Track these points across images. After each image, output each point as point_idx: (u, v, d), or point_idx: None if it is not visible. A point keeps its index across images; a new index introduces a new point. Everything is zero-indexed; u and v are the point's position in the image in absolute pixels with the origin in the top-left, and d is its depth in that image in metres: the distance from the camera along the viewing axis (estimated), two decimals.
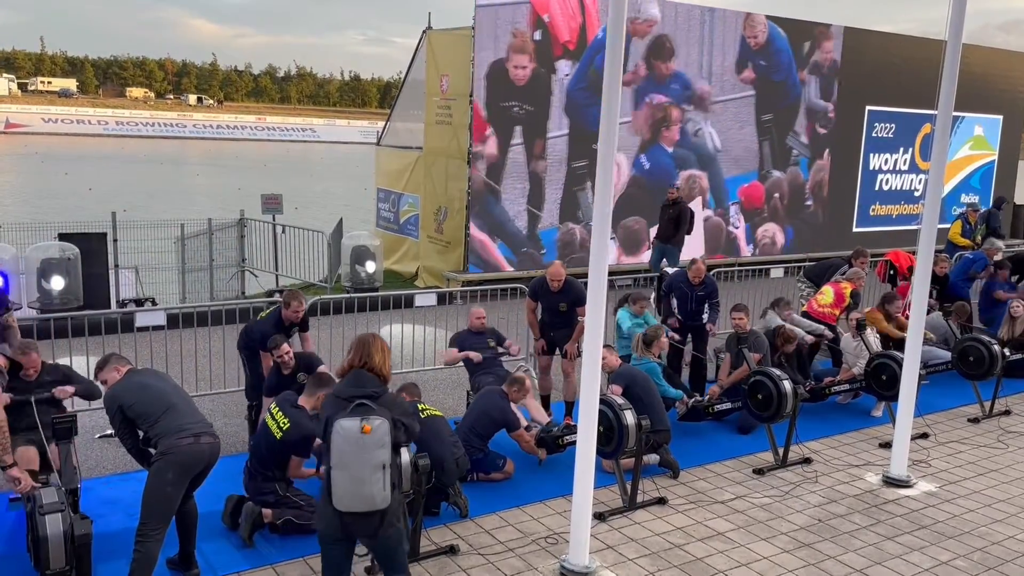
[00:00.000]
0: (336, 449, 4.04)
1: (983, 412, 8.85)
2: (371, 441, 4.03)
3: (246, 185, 36.08)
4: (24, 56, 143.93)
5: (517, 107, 13.59)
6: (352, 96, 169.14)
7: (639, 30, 14.61)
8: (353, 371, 4.30)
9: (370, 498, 4.06)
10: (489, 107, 13.37)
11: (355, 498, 4.05)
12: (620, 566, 5.57)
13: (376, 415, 4.09)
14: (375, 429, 4.03)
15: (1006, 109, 20.26)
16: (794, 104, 16.78)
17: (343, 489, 4.04)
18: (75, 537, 4.41)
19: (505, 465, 6.77)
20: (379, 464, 4.04)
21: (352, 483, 4.02)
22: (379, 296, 10.06)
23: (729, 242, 16.52)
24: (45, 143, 69.07)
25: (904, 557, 5.84)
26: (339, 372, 4.42)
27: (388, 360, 4.40)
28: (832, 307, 9.32)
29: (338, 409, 4.15)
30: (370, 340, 4.39)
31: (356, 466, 4.02)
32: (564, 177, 14.31)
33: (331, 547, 4.29)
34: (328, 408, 4.25)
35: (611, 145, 5.08)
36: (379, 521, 4.18)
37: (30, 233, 14.19)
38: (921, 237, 6.85)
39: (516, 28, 13.32)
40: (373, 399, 4.19)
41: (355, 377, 4.28)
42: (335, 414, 4.13)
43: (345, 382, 4.30)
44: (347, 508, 4.08)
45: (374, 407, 4.14)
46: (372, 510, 4.11)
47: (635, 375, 7.12)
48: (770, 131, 16.56)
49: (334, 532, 4.21)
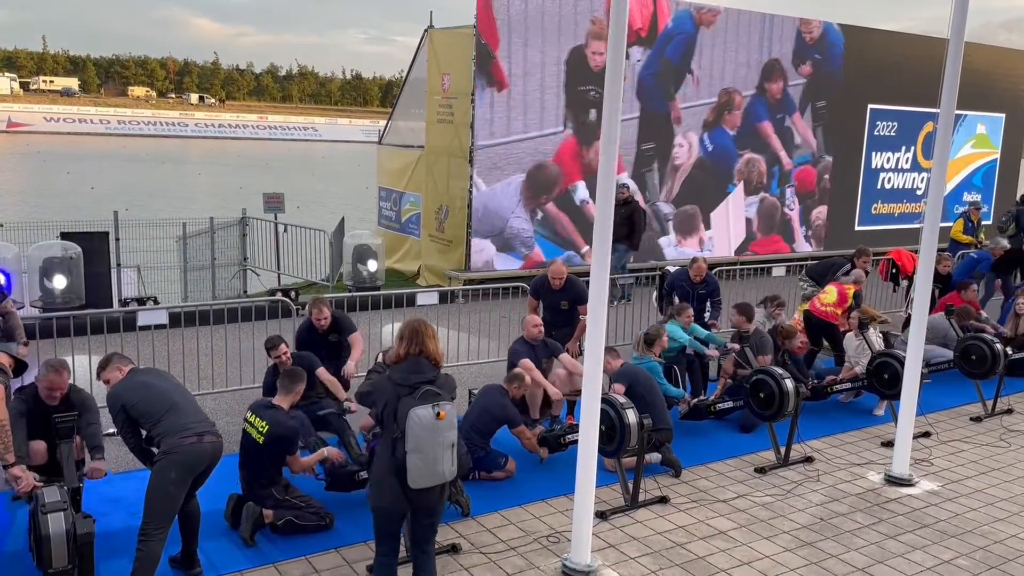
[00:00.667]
0: (412, 435, 4.29)
1: (985, 411, 8.84)
2: (444, 426, 4.35)
3: (248, 184, 36.10)
4: (26, 55, 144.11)
5: (593, 91, 14.02)
6: (354, 95, 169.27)
7: (704, 19, 15.29)
8: (410, 358, 4.48)
9: (441, 474, 4.40)
10: (568, 91, 13.90)
11: (430, 476, 4.37)
12: (622, 565, 5.57)
13: (444, 400, 4.40)
14: (448, 414, 4.36)
15: (1009, 107, 20.23)
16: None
17: (419, 471, 4.33)
18: (77, 536, 4.40)
19: (507, 464, 6.77)
20: (450, 444, 4.40)
21: (427, 464, 4.33)
22: (381, 295, 10.07)
23: (784, 223, 17.13)
24: (47, 142, 69.14)
25: (906, 556, 5.84)
26: (392, 359, 4.57)
27: (439, 344, 4.63)
28: (835, 306, 9.31)
29: (399, 395, 4.38)
30: (422, 328, 4.57)
31: (431, 448, 4.32)
32: (633, 159, 15.00)
33: (390, 521, 4.58)
34: (385, 393, 4.46)
35: (612, 143, 5.08)
36: (440, 491, 4.53)
37: (32, 232, 14.21)
38: (923, 236, 6.84)
39: (595, 16, 13.88)
40: (432, 383, 4.43)
41: (414, 364, 4.47)
42: (397, 400, 4.37)
43: (403, 369, 4.48)
44: (421, 486, 4.37)
45: (439, 392, 4.41)
46: (441, 483, 4.46)
47: (637, 374, 7.12)
48: (823, 118, 17.15)
49: (401, 508, 4.51)
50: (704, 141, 15.73)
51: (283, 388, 5.95)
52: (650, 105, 14.90)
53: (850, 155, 17.82)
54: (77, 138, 77.15)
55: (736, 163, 15.97)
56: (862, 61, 17.37)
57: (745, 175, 16.27)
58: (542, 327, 7.63)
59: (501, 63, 13.27)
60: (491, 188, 13.51)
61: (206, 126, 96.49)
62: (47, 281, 10.35)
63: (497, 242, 13.76)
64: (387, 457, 4.43)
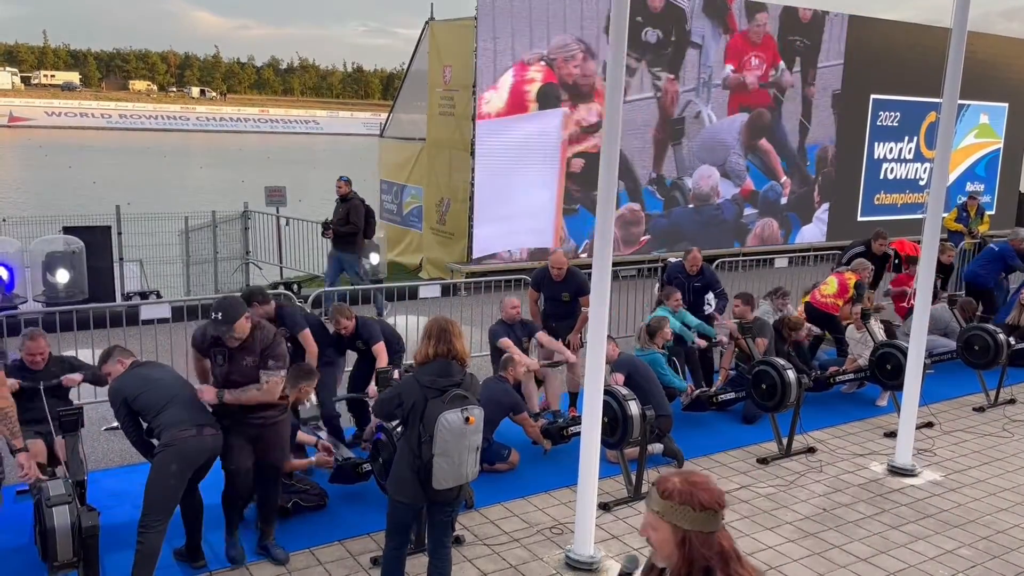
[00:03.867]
0: (440, 440, 4.30)
1: (988, 401, 8.84)
2: (472, 430, 4.38)
3: (250, 178, 36.08)
4: (27, 49, 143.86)
5: (799, 42, 15.65)
6: (355, 88, 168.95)
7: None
8: (439, 361, 4.45)
9: (465, 476, 4.46)
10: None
11: (454, 478, 4.41)
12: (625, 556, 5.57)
13: (473, 405, 4.41)
14: (477, 419, 4.39)
15: (1012, 97, 20.14)
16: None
17: (444, 473, 4.36)
18: (82, 529, 4.42)
19: (510, 456, 6.78)
20: (475, 447, 4.44)
21: (452, 467, 4.37)
22: (383, 288, 10.06)
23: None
24: (49, 136, 69.13)
25: (909, 546, 5.84)
26: (420, 359, 4.53)
27: (464, 343, 4.62)
28: (835, 297, 9.29)
29: (428, 397, 4.37)
30: (450, 328, 4.54)
31: (457, 452, 4.35)
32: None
33: (407, 515, 4.63)
34: (413, 394, 4.43)
35: (615, 136, 5.07)
36: (459, 489, 4.57)
37: (35, 226, 14.21)
38: (926, 226, 6.83)
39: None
40: (459, 386, 4.44)
41: (442, 367, 4.45)
42: (425, 402, 4.36)
43: (432, 370, 4.45)
44: (445, 487, 4.41)
45: (467, 395, 4.42)
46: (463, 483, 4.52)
47: (636, 363, 7.13)
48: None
49: (420, 503, 4.57)
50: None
51: (291, 384, 5.97)
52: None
53: (852, 145, 17.78)
54: (79, 132, 77.12)
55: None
56: (864, 51, 17.31)
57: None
58: (519, 307, 7.76)
59: (733, 9, 15.15)
60: (720, 122, 15.74)
61: (207, 120, 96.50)
62: (50, 275, 10.36)
63: (721, 171, 15.83)
64: (410, 458, 4.43)
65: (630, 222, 15.12)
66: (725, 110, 15.87)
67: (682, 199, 15.71)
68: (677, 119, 15.34)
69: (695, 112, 15.55)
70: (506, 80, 13.41)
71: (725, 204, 16.20)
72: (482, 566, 5.41)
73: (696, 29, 15.16)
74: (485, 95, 13.24)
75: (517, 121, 13.62)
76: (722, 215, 16.25)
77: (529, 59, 13.48)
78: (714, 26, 15.36)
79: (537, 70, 13.61)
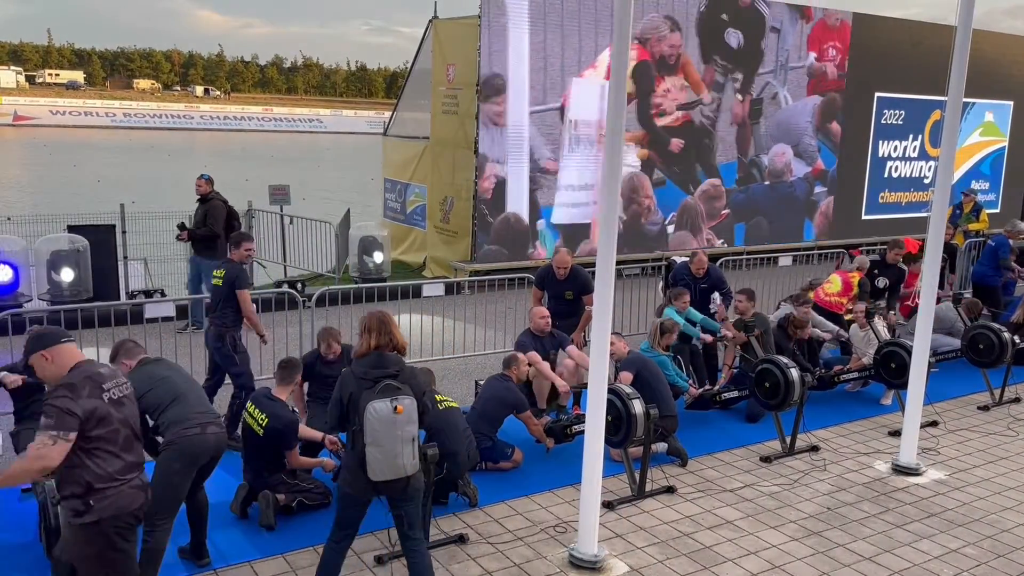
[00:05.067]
0: (370, 428, 4.31)
1: (993, 400, 8.82)
2: (403, 419, 4.34)
3: (253, 176, 36.10)
4: (31, 49, 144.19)
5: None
6: (358, 86, 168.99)
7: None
8: (375, 352, 4.47)
9: (402, 468, 4.40)
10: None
11: (389, 469, 4.37)
12: (629, 554, 5.58)
13: (404, 395, 4.37)
14: (406, 408, 4.35)
15: (1017, 95, 20.08)
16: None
17: (378, 463, 4.34)
18: None
19: (513, 454, 6.78)
20: (409, 438, 4.38)
21: (386, 457, 4.34)
22: (387, 286, 10.07)
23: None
24: (53, 135, 69.25)
25: (914, 545, 5.84)
26: (359, 353, 4.55)
27: (401, 336, 4.62)
28: (839, 296, 9.29)
29: (362, 388, 4.38)
30: (387, 319, 4.59)
31: (389, 442, 4.33)
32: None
33: (354, 508, 4.61)
34: (349, 386, 4.46)
35: (618, 135, 5.07)
36: (406, 482, 4.50)
37: (39, 225, 14.24)
38: (931, 224, 6.81)
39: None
40: (395, 377, 4.43)
41: (378, 358, 4.48)
42: (360, 394, 4.37)
43: (367, 362, 4.48)
44: (381, 479, 4.39)
45: (399, 386, 4.40)
46: (403, 476, 4.45)
47: (645, 361, 7.12)
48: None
49: (366, 495, 4.55)
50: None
51: (283, 380, 6.00)
52: None
53: (857, 144, 17.74)
54: (83, 131, 77.25)
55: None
56: (869, 49, 17.27)
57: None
58: (549, 319, 7.59)
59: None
60: (795, 103, 16.57)
61: (211, 118, 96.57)
62: (54, 274, 10.38)
63: (794, 150, 16.78)
64: (351, 449, 4.48)
65: (713, 197, 16.11)
66: (800, 92, 16.76)
67: (758, 175, 16.55)
68: (756, 100, 16.26)
69: (772, 93, 16.47)
70: (603, 59, 14.07)
71: (797, 182, 17.15)
72: (486, 564, 5.41)
73: (775, 15, 16.09)
74: (585, 72, 14.02)
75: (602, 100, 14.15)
76: (794, 192, 17.20)
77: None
78: (792, 12, 16.35)
79: (632, 50, 14.07)
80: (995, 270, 11.19)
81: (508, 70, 13.38)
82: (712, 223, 16.12)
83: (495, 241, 13.79)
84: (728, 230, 16.38)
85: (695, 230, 15.87)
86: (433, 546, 5.51)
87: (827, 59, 16.93)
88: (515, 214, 13.90)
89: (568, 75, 13.92)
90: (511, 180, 13.73)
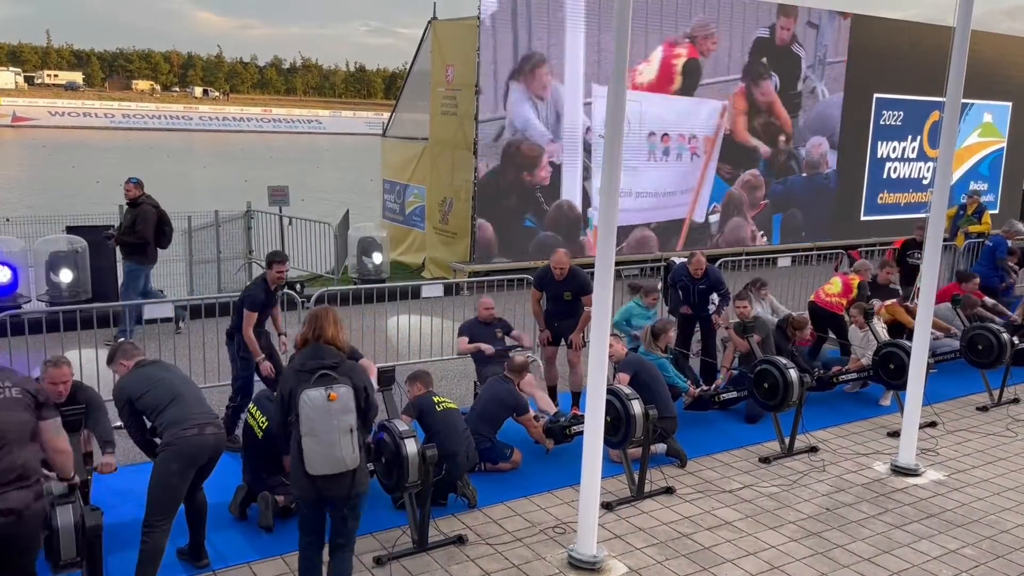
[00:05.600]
0: (305, 418, 4.29)
1: (992, 400, 8.83)
2: (337, 408, 4.30)
3: (253, 177, 36.10)
4: (30, 49, 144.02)
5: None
6: (357, 87, 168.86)
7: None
8: (310, 345, 4.51)
9: (340, 460, 4.33)
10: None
11: (327, 462, 4.32)
12: (628, 555, 5.58)
13: (339, 383, 4.35)
14: (340, 396, 4.31)
15: (1016, 95, 20.10)
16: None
17: (315, 454, 4.30)
18: (86, 528, 4.42)
19: (512, 455, 6.78)
20: (347, 428, 4.32)
21: (323, 447, 4.29)
22: (386, 287, 10.06)
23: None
24: (52, 136, 69.20)
25: (913, 546, 5.84)
26: (298, 345, 4.60)
27: (342, 331, 4.61)
28: (839, 296, 9.30)
29: (300, 382, 4.38)
30: (322, 314, 4.61)
31: (325, 432, 4.28)
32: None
33: (308, 509, 4.57)
34: (290, 381, 4.46)
35: (618, 136, 5.07)
36: (351, 480, 4.43)
37: (38, 226, 14.22)
38: (930, 225, 6.81)
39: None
40: (333, 369, 4.41)
41: (313, 350, 4.49)
42: (298, 386, 4.36)
43: (304, 355, 4.50)
44: (320, 472, 4.33)
45: (337, 377, 4.37)
46: (344, 471, 4.37)
47: (643, 362, 7.13)
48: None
49: (310, 495, 4.47)
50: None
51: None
52: None
53: (856, 144, 17.75)
54: (82, 132, 77.19)
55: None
56: (867, 49, 17.28)
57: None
58: (493, 309, 8.16)
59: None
60: (831, 96, 17.19)
61: (210, 119, 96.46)
62: (53, 275, 10.37)
63: (830, 142, 17.33)
64: (293, 444, 4.45)
65: (754, 187, 16.61)
66: (837, 86, 17.26)
67: (796, 168, 17.03)
68: (795, 93, 16.76)
69: (811, 88, 16.96)
70: (656, 55, 14.80)
71: (832, 174, 17.61)
72: (485, 565, 5.41)
73: (814, 12, 16.68)
74: (638, 67, 14.55)
75: (672, 100, 15.14)
76: (830, 184, 17.65)
77: (676, 38, 14.98)
78: (831, 11, 17.01)
79: (682, 47, 15.09)
80: (994, 270, 11.25)
81: (564, 63, 13.89)
82: (753, 212, 16.60)
83: (549, 227, 14.25)
84: (767, 220, 16.82)
85: (740, 219, 16.53)
86: (432, 547, 5.52)
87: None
88: (568, 201, 14.39)
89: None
90: (566, 169, 14.20)
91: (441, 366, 9.35)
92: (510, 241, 14.00)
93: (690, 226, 15.79)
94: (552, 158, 13.99)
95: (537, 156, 13.86)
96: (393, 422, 5.49)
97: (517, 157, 13.72)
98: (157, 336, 8.21)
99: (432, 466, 5.33)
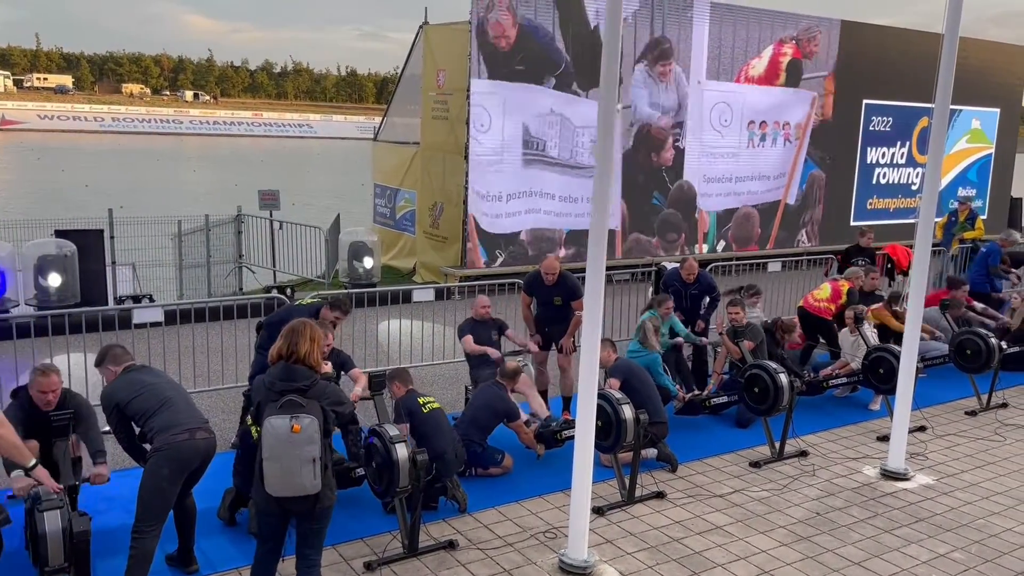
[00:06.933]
0: (267, 444, 4.19)
1: (981, 405, 8.87)
2: (300, 439, 4.17)
3: (243, 181, 36.01)
4: (20, 52, 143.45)
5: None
6: (349, 91, 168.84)
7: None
8: (281, 363, 4.37)
9: (300, 487, 4.23)
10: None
11: (286, 487, 4.23)
12: (619, 560, 5.58)
13: (305, 413, 4.21)
14: (304, 428, 4.18)
15: (1003, 102, 20.26)
16: None
17: (275, 479, 4.21)
18: (74, 534, 4.40)
19: (503, 460, 6.77)
20: (308, 459, 4.20)
21: (283, 474, 4.19)
22: (377, 292, 10.06)
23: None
24: (41, 140, 68.91)
25: (902, 550, 5.86)
26: (271, 359, 4.46)
27: (317, 350, 4.44)
28: (828, 302, 9.33)
29: (268, 400, 4.28)
30: (299, 329, 4.43)
31: (286, 460, 4.18)
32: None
33: (267, 519, 4.47)
34: (258, 394, 4.37)
35: (609, 136, 5.08)
36: (314, 500, 4.33)
37: (27, 230, 14.17)
38: (918, 230, 6.85)
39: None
40: (302, 393, 4.28)
41: (284, 370, 4.35)
42: (265, 407, 4.27)
43: (275, 374, 4.36)
44: (279, 494, 4.26)
45: (303, 403, 4.24)
46: (305, 495, 4.28)
47: (632, 367, 7.13)
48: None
49: (271, 509, 4.38)
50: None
51: None
52: None
53: (845, 150, 17.84)
54: (71, 135, 76.89)
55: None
56: (856, 56, 17.38)
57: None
58: (489, 308, 8.10)
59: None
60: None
61: (201, 123, 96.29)
62: (42, 279, 10.32)
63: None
64: (258, 464, 4.31)
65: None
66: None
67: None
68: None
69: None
70: (767, 52, 16.44)
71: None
72: (476, 570, 5.40)
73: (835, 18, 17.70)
74: (752, 62, 16.21)
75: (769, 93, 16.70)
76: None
77: (784, 38, 16.63)
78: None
79: (789, 47, 16.76)
80: (986, 276, 11.32)
81: (691, 55, 15.53)
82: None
83: (671, 205, 15.87)
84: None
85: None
86: (422, 552, 5.51)
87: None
88: (687, 182, 16.05)
89: (736, 64, 16.15)
90: (689, 151, 15.85)
91: (432, 370, 9.34)
92: (640, 216, 15.57)
93: (784, 209, 17.21)
94: (675, 142, 15.70)
95: (664, 139, 15.57)
96: (384, 427, 5.47)
97: (648, 140, 15.45)
98: (147, 340, 8.17)
99: (423, 470, 5.32)
